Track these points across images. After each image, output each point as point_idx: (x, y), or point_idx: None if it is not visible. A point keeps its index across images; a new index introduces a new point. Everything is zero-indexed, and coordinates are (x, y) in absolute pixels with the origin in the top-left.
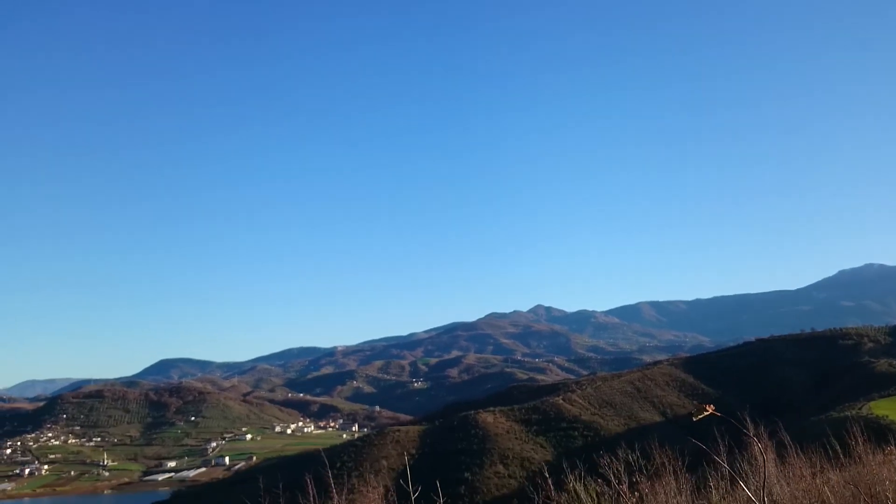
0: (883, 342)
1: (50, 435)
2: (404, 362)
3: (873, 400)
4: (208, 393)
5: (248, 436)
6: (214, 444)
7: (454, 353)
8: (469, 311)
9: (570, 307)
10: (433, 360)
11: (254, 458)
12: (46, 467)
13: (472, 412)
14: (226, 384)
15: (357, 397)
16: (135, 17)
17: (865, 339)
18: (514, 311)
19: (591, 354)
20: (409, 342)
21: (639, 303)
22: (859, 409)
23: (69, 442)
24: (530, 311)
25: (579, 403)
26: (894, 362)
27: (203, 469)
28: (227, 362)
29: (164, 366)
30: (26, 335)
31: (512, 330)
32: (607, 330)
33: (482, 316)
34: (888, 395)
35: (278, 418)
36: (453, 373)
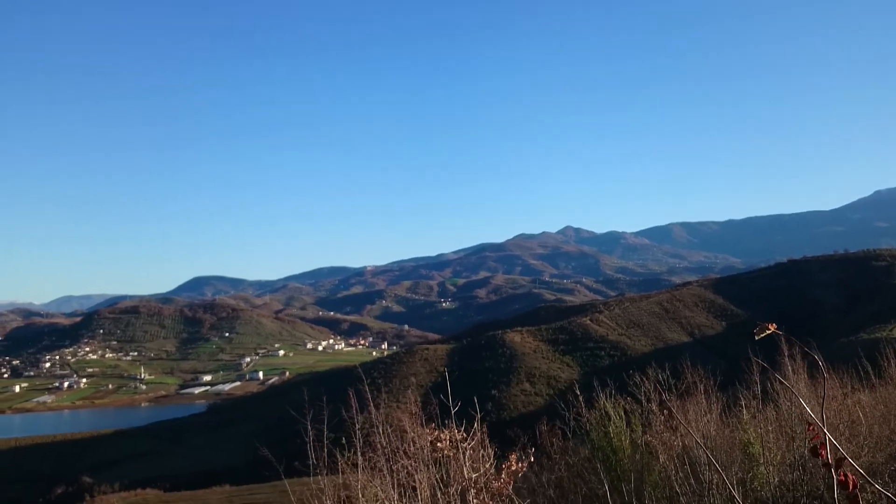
0: None
1: (87, 349)
2: (433, 282)
3: None
4: (241, 310)
5: (281, 352)
6: (248, 360)
7: (482, 274)
8: (498, 232)
9: (600, 228)
10: (461, 281)
11: (286, 373)
12: (85, 381)
13: (500, 332)
14: (258, 301)
15: (386, 316)
16: None
17: None
18: (543, 233)
19: (620, 276)
20: (437, 262)
21: (670, 224)
22: (891, 330)
23: (106, 356)
24: (559, 232)
25: (606, 324)
26: None
27: (238, 383)
28: (259, 280)
29: (197, 283)
30: (63, 252)
31: (540, 251)
32: (637, 251)
33: (511, 237)
34: None
35: (309, 335)
36: (481, 293)
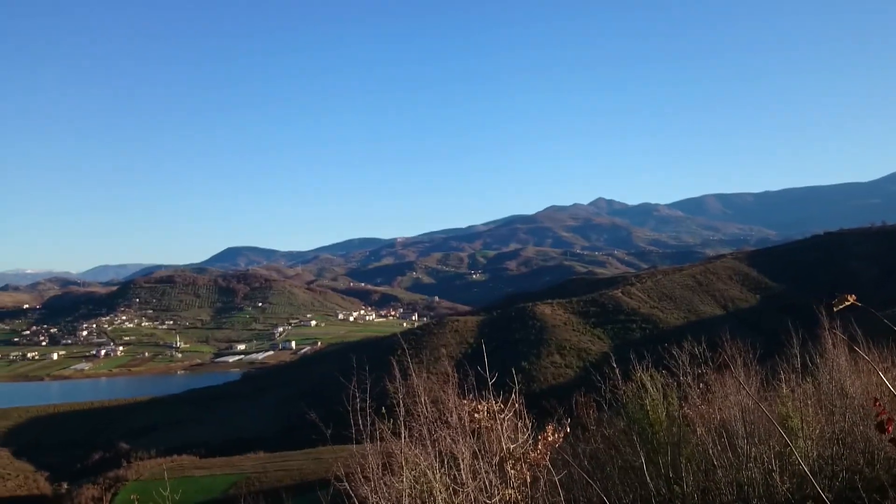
0: None
1: (124, 318)
2: (463, 254)
3: None
4: (274, 280)
5: (313, 322)
6: (281, 329)
7: (513, 246)
8: (528, 204)
9: (633, 200)
10: (492, 253)
11: (318, 343)
12: (121, 348)
13: (530, 304)
14: (290, 272)
15: (416, 288)
16: None
17: None
18: (574, 204)
19: (653, 248)
20: (467, 234)
21: (704, 195)
22: None
23: (142, 325)
24: (591, 203)
25: (638, 296)
26: None
27: (271, 352)
28: (291, 251)
29: (230, 253)
30: (99, 221)
31: (571, 223)
32: (670, 223)
33: (541, 209)
34: None
35: (341, 306)
36: (511, 265)
